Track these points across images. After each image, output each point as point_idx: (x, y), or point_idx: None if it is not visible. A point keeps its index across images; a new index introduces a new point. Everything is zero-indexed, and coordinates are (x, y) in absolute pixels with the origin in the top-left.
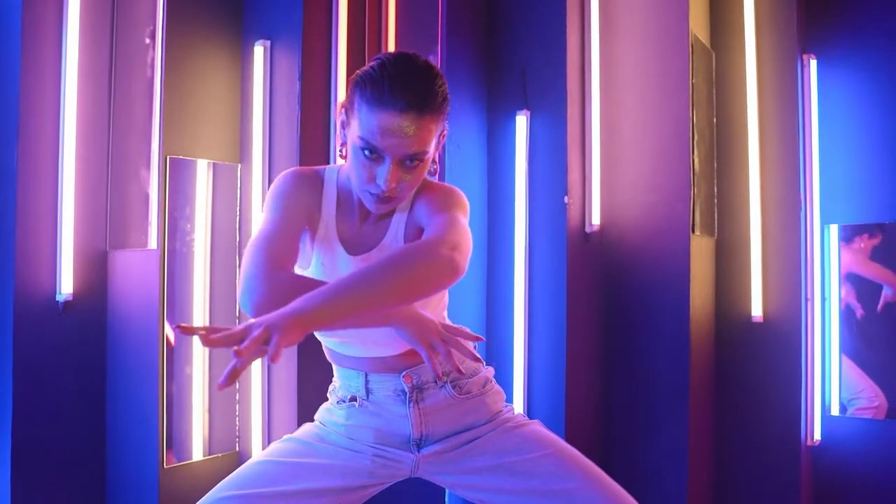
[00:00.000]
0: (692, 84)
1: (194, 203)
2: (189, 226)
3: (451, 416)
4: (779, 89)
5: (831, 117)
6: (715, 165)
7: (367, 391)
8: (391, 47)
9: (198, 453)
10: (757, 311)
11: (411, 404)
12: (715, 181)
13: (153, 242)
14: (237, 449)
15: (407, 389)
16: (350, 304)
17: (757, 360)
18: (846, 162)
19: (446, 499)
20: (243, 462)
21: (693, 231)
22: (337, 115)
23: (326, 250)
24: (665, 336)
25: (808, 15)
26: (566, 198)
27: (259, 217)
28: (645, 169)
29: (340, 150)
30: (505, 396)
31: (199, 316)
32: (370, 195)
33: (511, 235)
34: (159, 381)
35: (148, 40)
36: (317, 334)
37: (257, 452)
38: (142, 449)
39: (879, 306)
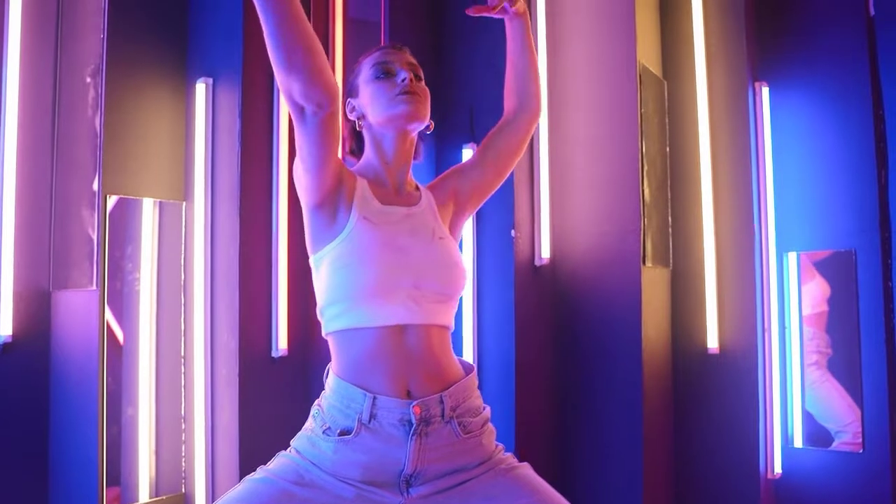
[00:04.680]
0: (641, 114)
1: (138, 242)
2: (131, 265)
3: (448, 455)
4: (731, 117)
5: (786, 144)
6: (669, 195)
7: (371, 416)
8: (338, 80)
9: (144, 495)
10: (713, 342)
11: (414, 437)
12: (669, 211)
13: (95, 283)
14: (182, 491)
15: (414, 421)
16: None
17: (714, 393)
18: (804, 189)
19: None
20: None
21: (644, 263)
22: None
23: (366, 209)
24: (618, 369)
25: (759, 43)
26: (513, 231)
27: (205, 253)
28: (595, 200)
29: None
30: (496, 434)
31: (146, 358)
32: (399, 97)
33: None
34: (98, 424)
35: (89, 79)
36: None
37: (202, 494)
38: (83, 493)
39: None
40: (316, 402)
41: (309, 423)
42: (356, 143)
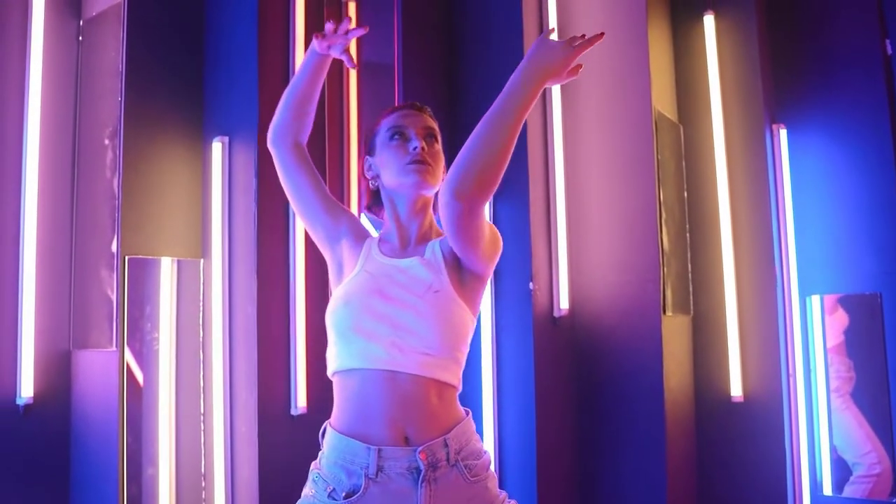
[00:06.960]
0: (658, 160)
1: (157, 301)
2: (149, 325)
3: (458, 500)
4: (749, 160)
5: (806, 186)
6: (688, 241)
7: (378, 468)
8: (353, 139)
9: None
10: (736, 390)
11: (424, 484)
12: (688, 257)
13: (114, 343)
14: None
15: (423, 467)
16: None
17: (739, 442)
18: (825, 231)
19: None
20: None
21: (665, 311)
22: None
23: (370, 264)
24: (640, 419)
25: (776, 84)
26: (531, 284)
27: (223, 310)
28: (613, 249)
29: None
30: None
31: (165, 417)
32: (410, 166)
33: (477, 322)
34: (119, 483)
35: (107, 141)
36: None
37: None
38: None
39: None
40: (313, 464)
41: (308, 489)
42: (373, 200)
